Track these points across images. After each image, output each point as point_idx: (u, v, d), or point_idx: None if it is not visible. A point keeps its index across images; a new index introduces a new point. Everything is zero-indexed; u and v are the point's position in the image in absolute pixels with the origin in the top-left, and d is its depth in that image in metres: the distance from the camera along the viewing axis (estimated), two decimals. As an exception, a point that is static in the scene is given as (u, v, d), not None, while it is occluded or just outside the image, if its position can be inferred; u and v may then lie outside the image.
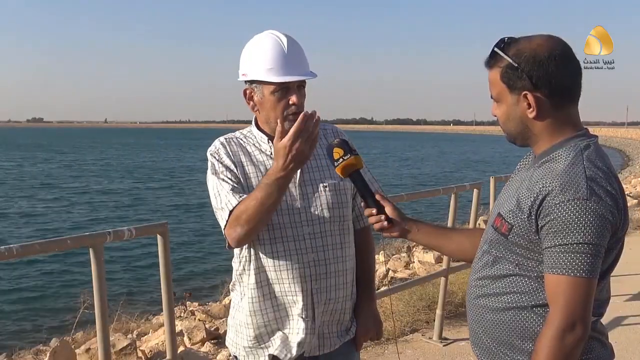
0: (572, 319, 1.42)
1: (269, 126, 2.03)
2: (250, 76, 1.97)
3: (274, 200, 1.86)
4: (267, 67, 1.92)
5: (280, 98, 1.95)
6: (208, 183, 2.03)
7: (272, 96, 1.95)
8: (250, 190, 1.94)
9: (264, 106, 1.99)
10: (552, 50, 1.50)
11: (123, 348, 4.62)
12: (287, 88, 1.94)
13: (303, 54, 2.01)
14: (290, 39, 1.97)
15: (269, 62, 1.92)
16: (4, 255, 2.47)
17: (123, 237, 2.84)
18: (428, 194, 5.76)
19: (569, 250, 1.42)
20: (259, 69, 1.94)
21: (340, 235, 2.07)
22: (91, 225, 16.23)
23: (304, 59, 2.00)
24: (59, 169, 37.03)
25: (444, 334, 4.85)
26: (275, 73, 1.92)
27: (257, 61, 1.94)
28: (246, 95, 2.02)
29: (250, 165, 2.03)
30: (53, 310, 9.01)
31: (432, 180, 29.69)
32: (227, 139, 2.09)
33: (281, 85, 1.93)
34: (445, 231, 2.03)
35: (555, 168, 1.49)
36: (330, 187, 2.04)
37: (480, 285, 1.65)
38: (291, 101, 1.95)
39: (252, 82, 1.98)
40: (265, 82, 1.94)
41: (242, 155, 2.04)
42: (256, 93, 1.99)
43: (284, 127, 1.81)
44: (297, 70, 1.95)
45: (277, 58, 1.92)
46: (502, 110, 1.60)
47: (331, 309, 2.06)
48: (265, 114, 2.00)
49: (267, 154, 2.03)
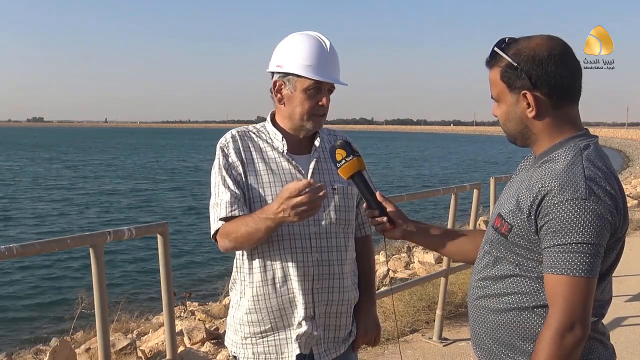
0: (571, 319, 1.42)
1: (291, 121, 2.03)
2: (286, 68, 1.97)
3: (260, 237, 1.89)
4: (306, 63, 1.94)
5: (310, 96, 1.97)
6: (211, 175, 2.03)
7: (303, 93, 1.97)
8: (260, 187, 1.97)
9: (292, 101, 1.99)
10: (552, 50, 1.50)
11: (123, 348, 4.62)
12: (319, 89, 1.97)
13: (339, 61, 2.04)
14: (331, 43, 2.00)
15: (310, 59, 1.94)
16: (4, 255, 2.47)
17: (123, 236, 2.84)
18: (428, 194, 5.77)
19: (568, 250, 1.42)
20: (298, 64, 1.95)
21: (344, 239, 2.08)
22: (92, 226, 16.22)
23: (339, 66, 2.03)
24: (63, 169, 37.02)
25: (444, 334, 4.85)
26: (313, 71, 1.94)
27: (298, 55, 1.95)
28: (275, 86, 2.02)
29: (261, 162, 2.02)
30: (53, 310, 9.01)
31: (441, 182, 29.38)
32: (240, 133, 2.08)
33: (316, 84, 1.95)
34: (447, 233, 2.04)
35: (554, 168, 1.49)
36: (339, 190, 2.06)
37: (481, 286, 1.65)
38: (320, 102, 1.98)
39: (286, 75, 1.98)
40: (302, 76, 1.95)
41: (254, 151, 2.04)
42: (287, 86, 1.99)
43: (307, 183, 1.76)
44: (333, 74, 1.98)
45: (318, 57, 1.94)
46: (503, 110, 1.60)
47: (331, 310, 2.06)
48: (291, 108, 2.01)
49: (280, 151, 2.03)
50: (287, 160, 2.03)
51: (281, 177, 2.00)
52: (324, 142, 2.11)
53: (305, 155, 2.06)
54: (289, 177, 2.00)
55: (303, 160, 2.05)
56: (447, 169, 39.85)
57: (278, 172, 2.01)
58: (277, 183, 1.99)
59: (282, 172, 2.01)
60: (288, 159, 2.03)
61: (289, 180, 1.98)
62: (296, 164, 2.03)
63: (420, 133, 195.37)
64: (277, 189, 1.97)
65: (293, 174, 2.01)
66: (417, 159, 53.26)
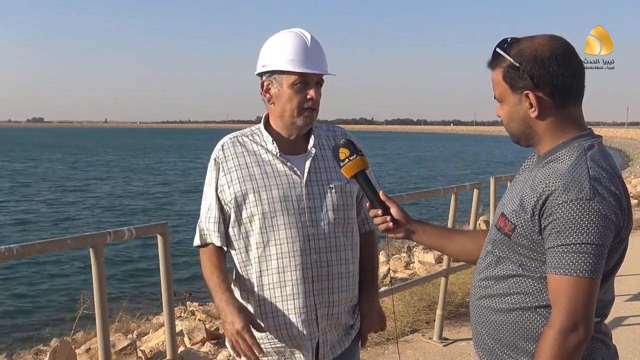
0: (574, 320, 1.41)
1: (283, 120, 2.03)
2: (270, 66, 1.97)
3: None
4: (289, 57, 1.94)
5: (298, 91, 1.96)
6: (204, 186, 2.09)
7: (290, 88, 1.96)
8: (256, 192, 1.98)
9: (281, 98, 1.99)
10: (554, 50, 1.50)
11: (123, 348, 4.62)
12: (306, 82, 1.96)
13: (324, 53, 2.03)
14: (313, 36, 1.99)
15: (292, 53, 1.94)
16: (4, 255, 2.46)
17: (123, 237, 2.84)
18: (428, 194, 5.76)
19: (571, 251, 1.41)
20: (281, 60, 1.95)
21: (344, 237, 2.06)
22: (93, 226, 16.20)
23: (324, 58, 2.02)
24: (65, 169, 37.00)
25: (444, 334, 4.85)
26: (297, 64, 1.93)
27: (280, 52, 1.96)
28: (263, 87, 2.02)
29: (255, 166, 2.02)
30: (53, 310, 9.01)
31: (451, 184, 28.97)
32: (232, 140, 2.09)
33: (301, 77, 1.94)
34: (450, 233, 2.03)
35: (558, 168, 1.48)
36: (337, 189, 2.04)
37: (483, 285, 1.64)
38: (309, 95, 1.96)
39: (272, 73, 1.98)
40: (286, 71, 1.94)
41: (247, 156, 2.04)
42: (274, 85, 1.99)
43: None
44: (318, 65, 1.97)
45: (299, 50, 1.94)
46: (505, 110, 1.60)
47: (333, 311, 2.05)
48: (281, 106, 2.00)
49: (273, 154, 2.03)
50: (281, 162, 2.02)
51: (276, 179, 2.00)
52: (322, 139, 2.10)
53: (301, 155, 2.05)
54: (284, 179, 2.00)
55: (299, 160, 2.04)
56: (461, 169, 39.49)
57: (273, 174, 2.01)
58: (273, 186, 1.99)
59: (278, 174, 2.01)
60: (282, 161, 2.02)
61: (285, 182, 1.99)
62: (291, 165, 2.02)
63: (420, 133, 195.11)
64: (272, 192, 1.98)
65: (288, 175, 2.01)
66: (427, 159, 52.72)
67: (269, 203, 1.97)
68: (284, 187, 1.99)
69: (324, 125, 2.17)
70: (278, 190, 1.98)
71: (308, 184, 2.01)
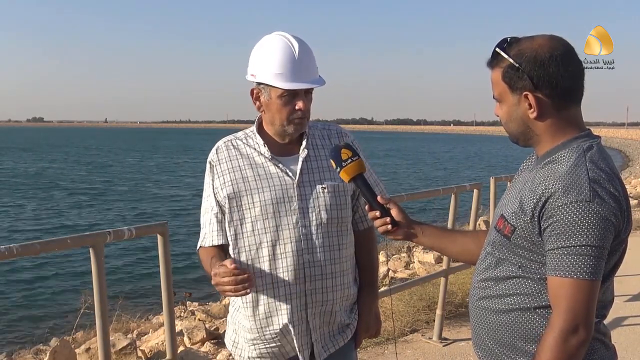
0: (575, 322, 1.41)
1: (274, 127, 2.04)
2: (259, 78, 1.97)
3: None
4: (276, 71, 1.93)
5: (286, 103, 1.96)
6: (204, 188, 2.12)
7: (279, 100, 1.96)
8: (249, 194, 2.00)
9: (270, 108, 2.00)
10: (554, 51, 1.50)
11: (123, 348, 4.62)
12: (295, 94, 1.96)
13: (313, 59, 2.01)
14: (302, 43, 1.97)
15: (279, 67, 1.92)
16: (4, 255, 2.46)
17: (123, 236, 2.84)
18: (428, 194, 5.76)
19: (571, 253, 1.41)
20: (268, 73, 1.94)
21: (338, 237, 2.06)
22: (93, 226, 16.19)
23: (313, 65, 2.00)
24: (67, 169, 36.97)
25: (443, 334, 4.85)
26: (283, 79, 1.92)
27: (267, 64, 1.95)
28: (253, 94, 2.03)
29: (248, 169, 2.04)
30: (53, 310, 9.01)
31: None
32: (226, 143, 2.11)
33: (289, 91, 1.94)
34: (450, 233, 2.03)
35: (557, 169, 1.48)
36: (330, 189, 2.04)
37: (483, 286, 1.64)
38: (297, 107, 1.96)
39: (260, 83, 1.98)
40: (273, 86, 1.94)
41: (240, 159, 2.05)
42: (263, 94, 2.00)
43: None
44: (306, 76, 1.96)
45: (286, 63, 1.92)
46: (504, 110, 1.60)
47: (326, 310, 2.05)
48: (271, 115, 2.02)
49: (266, 157, 2.04)
50: (274, 164, 2.03)
51: (269, 181, 2.02)
52: (315, 138, 2.10)
53: (294, 156, 2.06)
54: (276, 181, 2.01)
55: (291, 161, 2.05)
56: (471, 168, 39.32)
57: (266, 176, 2.02)
58: (266, 188, 2.00)
59: (270, 176, 2.02)
60: (275, 163, 2.03)
61: (277, 184, 2.00)
62: (283, 166, 2.03)
63: (420, 133, 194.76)
64: (265, 195, 1.99)
65: (281, 177, 2.02)
66: (433, 159, 52.59)
67: (261, 205, 1.99)
68: (276, 189, 2.00)
69: (319, 123, 2.17)
70: (270, 192, 1.99)
71: (300, 185, 2.02)
